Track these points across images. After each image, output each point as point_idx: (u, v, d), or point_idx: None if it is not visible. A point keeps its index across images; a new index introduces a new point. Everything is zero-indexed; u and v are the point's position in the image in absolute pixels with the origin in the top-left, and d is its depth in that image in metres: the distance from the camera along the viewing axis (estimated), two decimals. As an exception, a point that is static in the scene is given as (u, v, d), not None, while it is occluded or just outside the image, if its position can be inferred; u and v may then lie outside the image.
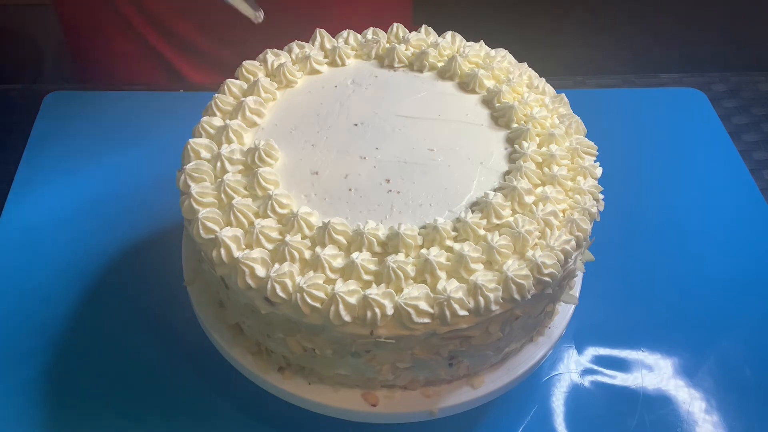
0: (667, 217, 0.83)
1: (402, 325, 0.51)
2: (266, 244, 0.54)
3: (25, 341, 0.70)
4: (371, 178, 0.60)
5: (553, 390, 0.69)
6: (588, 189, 0.59)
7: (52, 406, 0.65)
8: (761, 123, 0.98)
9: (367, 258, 0.54)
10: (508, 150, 0.63)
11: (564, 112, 0.66)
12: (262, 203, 0.56)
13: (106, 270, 0.75)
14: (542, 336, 0.63)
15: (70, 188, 0.83)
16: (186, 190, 0.57)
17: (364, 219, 0.56)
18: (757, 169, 0.91)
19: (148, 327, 0.71)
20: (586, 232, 0.57)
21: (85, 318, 0.71)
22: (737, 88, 1.02)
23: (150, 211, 0.80)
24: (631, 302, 0.75)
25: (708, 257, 0.79)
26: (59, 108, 0.91)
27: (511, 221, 0.56)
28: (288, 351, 0.56)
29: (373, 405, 0.58)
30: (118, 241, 0.78)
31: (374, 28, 0.73)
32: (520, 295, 0.52)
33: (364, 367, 0.56)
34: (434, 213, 0.57)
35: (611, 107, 0.96)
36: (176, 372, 0.68)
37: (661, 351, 0.72)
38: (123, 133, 0.89)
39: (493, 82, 0.68)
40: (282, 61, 0.67)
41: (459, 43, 0.72)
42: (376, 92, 0.67)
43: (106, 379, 0.67)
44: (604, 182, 0.61)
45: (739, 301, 0.76)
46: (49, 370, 0.68)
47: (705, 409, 0.68)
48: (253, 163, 0.59)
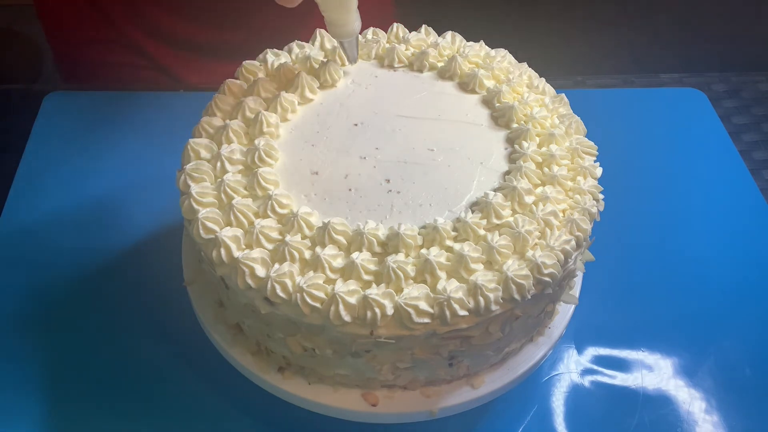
0: (667, 217, 0.83)
1: (402, 325, 0.51)
2: (266, 244, 0.54)
3: (25, 341, 0.70)
4: (371, 178, 0.60)
5: (553, 390, 0.69)
6: (588, 189, 0.59)
7: (51, 406, 0.65)
8: (761, 123, 0.98)
9: (367, 258, 0.54)
10: (508, 150, 0.63)
11: (564, 112, 0.66)
12: (262, 203, 0.56)
13: (106, 270, 0.75)
14: (542, 336, 0.63)
15: (70, 188, 0.83)
16: (186, 190, 0.57)
17: (364, 219, 0.56)
18: (757, 169, 0.91)
19: (148, 327, 0.71)
20: (586, 232, 0.57)
21: (85, 318, 0.71)
22: (737, 88, 1.02)
23: (150, 211, 0.80)
24: (631, 302, 0.75)
25: (708, 257, 0.79)
26: (59, 108, 0.91)
27: (511, 221, 0.56)
28: (288, 351, 0.56)
29: (373, 405, 0.58)
30: (118, 241, 0.78)
31: (374, 28, 0.73)
32: (520, 295, 0.52)
33: (364, 367, 0.56)
34: (434, 213, 0.57)
35: (611, 107, 0.96)
36: (176, 372, 0.68)
37: (661, 351, 0.72)
38: (123, 133, 0.89)
39: (493, 82, 0.68)
40: (282, 61, 0.67)
41: (459, 43, 0.72)
42: (376, 92, 0.67)
43: (106, 379, 0.67)
44: (604, 182, 0.61)
45: (739, 301, 0.76)
46: (49, 370, 0.68)
47: (705, 409, 0.68)
48: (253, 163, 0.59)
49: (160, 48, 0.98)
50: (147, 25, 0.96)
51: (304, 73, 0.66)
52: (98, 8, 0.95)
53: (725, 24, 1.69)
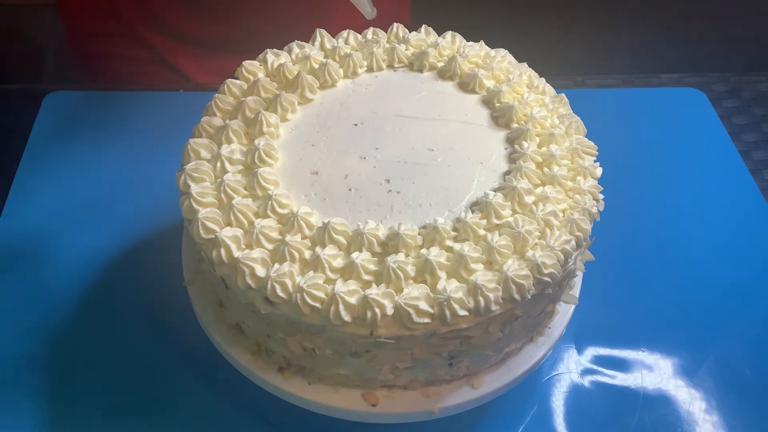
0: (667, 217, 0.83)
1: (402, 325, 0.51)
2: (266, 244, 0.54)
3: (25, 341, 0.70)
4: (371, 178, 0.60)
5: (553, 390, 0.69)
6: (588, 189, 0.59)
7: (51, 406, 0.65)
8: (761, 123, 0.98)
9: (367, 258, 0.54)
10: (508, 150, 0.63)
11: (564, 112, 0.66)
12: (262, 203, 0.56)
13: (106, 270, 0.75)
14: (542, 336, 0.63)
15: (70, 188, 0.83)
16: (186, 190, 0.57)
17: (364, 219, 0.56)
18: (757, 169, 0.91)
19: (148, 327, 0.71)
20: (586, 232, 0.57)
21: (85, 318, 0.71)
22: (737, 88, 1.02)
23: (150, 211, 0.80)
24: (631, 302, 0.75)
25: (708, 257, 0.79)
26: (59, 108, 0.91)
27: (511, 221, 0.56)
28: (288, 351, 0.56)
29: (373, 405, 0.58)
30: (118, 241, 0.78)
31: (374, 28, 0.73)
32: (520, 295, 0.52)
33: (364, 367, 0.56)
34: (434, 213, 0.57)
35: (611, 107, 0.96)
36: (176, 372, 0.68)
37: (661, 351, 0.72)
38: (123, 133, 0.89)
39: (493, 82, 0.68)
40: (282, 61, 0.67)
41: (459, 43, 0.72)
42: (376, 92, 0.67)
43: (106, 379, 0.67)
44: (604, 182, 0.61)
45: (739, 301, 0.76)
46: (49, 370, 0.68)
47: (705, 409, 0.68)
48: (253, 163, 0.59)
49: (167, 43, 0.98)
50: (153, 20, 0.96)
51: (304, 73, 0.66)
52: (110, 3, 0.95)
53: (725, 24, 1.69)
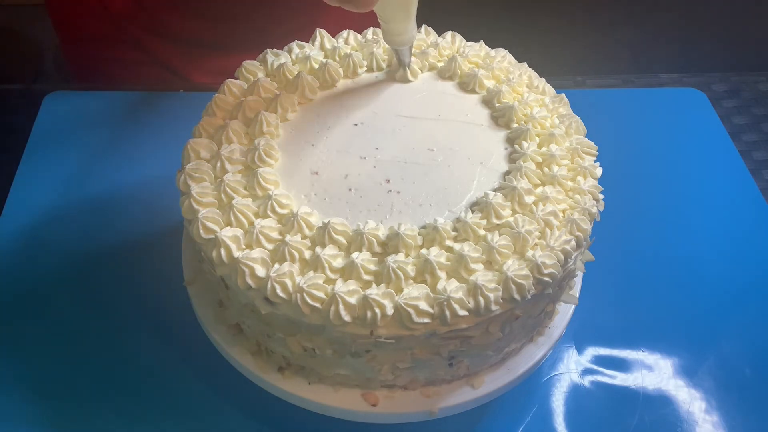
0: (667, 217, 0.83)
1: (402, 325, 0.51)
2: (266, 244, 0.54)
3: (25, 341, 0.70)
4: (371, 178, 0.60)
5: (553, 390, 0.69)
6: (588, 189, 0.59)
7: (51, 406, 0.65)
8: (761, 123, 0.98)
9: (367, 258, 0.54)
10: (508, 150, 0.63)
11: (564, 112, 0.66)
12: (262, 203, 0.56)
13: (106, 270, 0.75)
14: (542, 336, 0.63)
15: (70, 188, 0.83)
16: (186, 190, 0.57)
17: (364, 219, 0.56)
18: (757, 169, 0.91)
19: (148, 327, 0.71)
20: (586, 232, 0.57)
21: (84, 318, 0.71)
22: (737, 88, 1.02)
23: (150, 211, 0.79)
24: (631, 302, 0.75)
25: (708, 257, 0.79)
26: (59, 108, 0.91)
27: (511, 221, 0.56)
28: (288, 351, 0.56)
29: (373, 405, 0.58)
30: (118, 241, 0.78)
31: (374, 28, 0.73)
32: (520, 295, 0.52)
33: (364, 367, 0.56)
34: (434, 213, 0.57)
35: (611, 107, 0.96)
36: (176, 372, 0.68)
37: (661, 351, 0.72)
38: (123, 133, 0.88)
39: (493, 82, 0.68)
40: (282, 61, 0.67)
41: (459, 43, 0.72)
42: (376, 92, 0.67)
43: (106, 379, 0.67)
44: (604, 182, 0.61)
45: (739, 301, 0.76)
46: (49, 370, 0.68)
47: (705, 409, 0.68)
48: (253, 163, 0.59)
49: (163, 44, 0.98)
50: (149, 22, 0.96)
51: (304, 73, 0.66)
52: (103, 5, 0.95)
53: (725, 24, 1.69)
